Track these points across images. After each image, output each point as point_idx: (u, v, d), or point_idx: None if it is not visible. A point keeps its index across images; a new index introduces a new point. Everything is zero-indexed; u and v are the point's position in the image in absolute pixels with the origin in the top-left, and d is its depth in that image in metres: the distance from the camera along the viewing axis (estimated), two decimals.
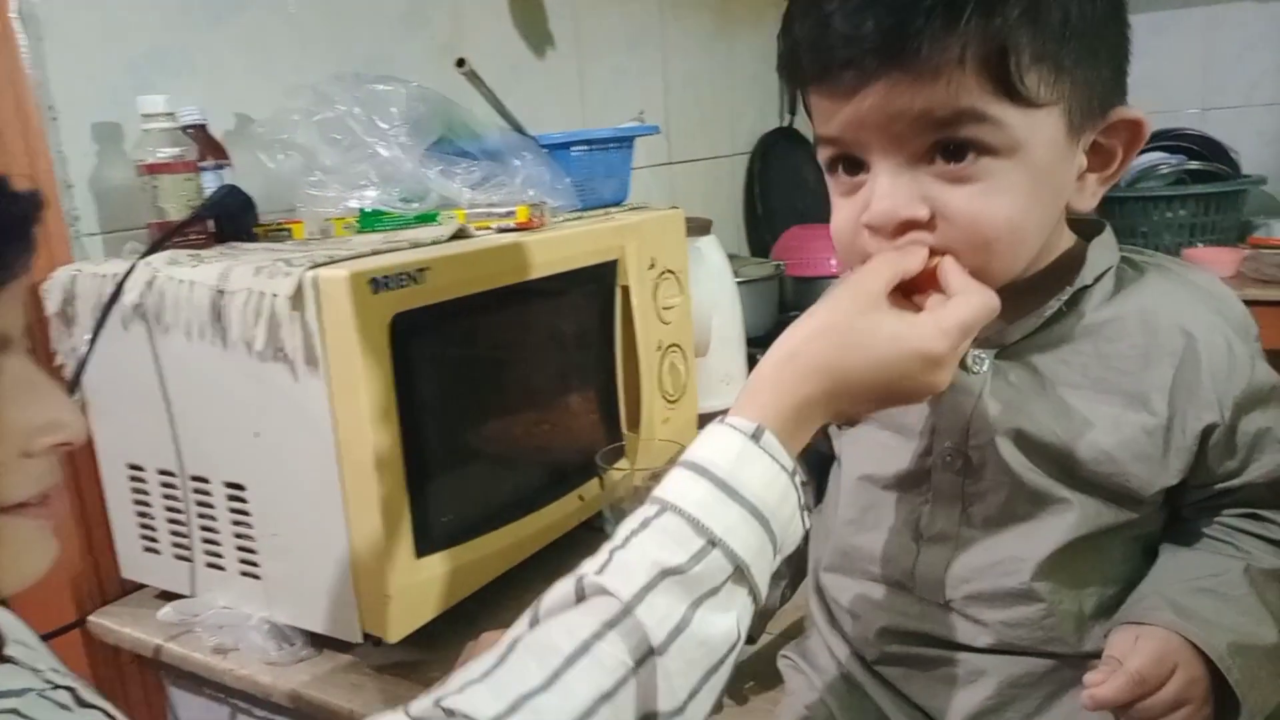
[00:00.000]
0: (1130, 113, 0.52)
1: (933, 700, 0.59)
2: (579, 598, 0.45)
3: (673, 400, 1.11)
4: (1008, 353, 0.56)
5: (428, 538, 0.81)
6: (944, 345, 0.47)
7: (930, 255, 0.50)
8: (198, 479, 0.86)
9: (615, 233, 1.01)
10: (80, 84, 0.96)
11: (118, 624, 0.93)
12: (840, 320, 0.48)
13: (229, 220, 0.94)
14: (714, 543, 0.44)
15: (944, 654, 0.59)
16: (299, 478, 0.78)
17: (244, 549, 0.84)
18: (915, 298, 0.50)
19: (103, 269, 0.86)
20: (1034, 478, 0.54)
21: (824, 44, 0.49)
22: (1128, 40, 0.53)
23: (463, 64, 0.97)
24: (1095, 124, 0.52)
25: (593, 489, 0.99)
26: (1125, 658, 0.50)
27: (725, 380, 1.27)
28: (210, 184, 0.97)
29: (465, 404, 0.87)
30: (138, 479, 0.90)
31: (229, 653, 0.85)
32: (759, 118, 2.10)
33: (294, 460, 0.78)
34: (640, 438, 1.05)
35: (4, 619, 0.52)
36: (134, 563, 0.94)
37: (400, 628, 0.79)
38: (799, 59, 0.51)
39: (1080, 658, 0.56)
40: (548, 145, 1.01)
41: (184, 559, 0.89)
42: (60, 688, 0.48)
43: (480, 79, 0.99)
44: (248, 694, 0.84)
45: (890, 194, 0.50)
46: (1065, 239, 0.57)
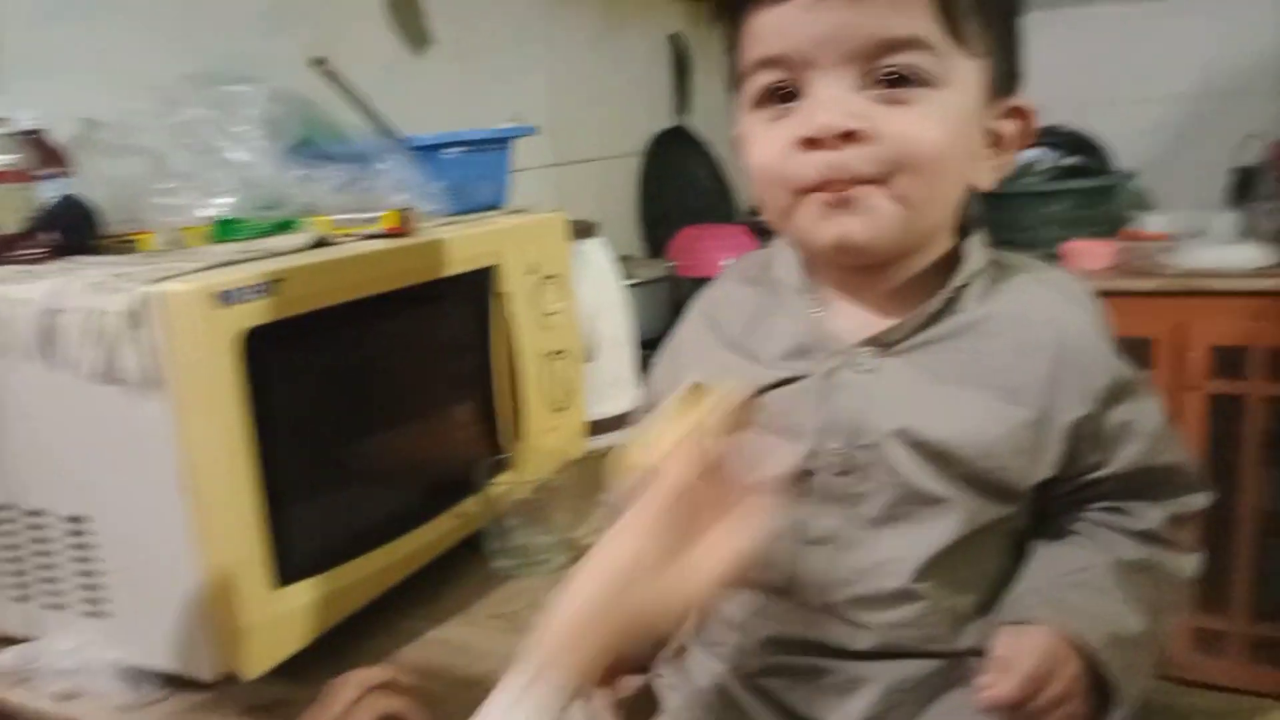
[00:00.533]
0: (1025, 102, 0.56)
1: (815, 711, 0.59)
2: None
3: (560, 409, 1.08)
4: (893, 352, 0.56)
5: (289, 565, 0.76)
6: (711, 596, 0.50)
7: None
8: (34, 513, 0.79)
9: (491, 238, 0.97)
10: None
11: None
12: (641, 577, 0.48)
13: (68, 233, 0.87)
14: None
15: (826, 662, 0.58)
16: (145, 508, 0.73)
17: (88, 586, 0.78)
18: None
19: None
20: (919, 478, 0.54)
21: None
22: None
23: (321, 63, 0.92)
24: (999, 103, 0.55)
25: (473, 505, 0.96)
26: (1014, 657, 0.51)
27: (614, 384, 1.25)
28: (49, 194, 0.90)
29: (330, 422, 0.83)
30: None
31: (74, 699, 0.79)
32: (650, 117, 2.09)
33: (139, 489, 0.73)
34: (525, 449, 1.03)
35: None
36: None
37: (258, 663, 0.74)
38: None
39: (958, 656, 0.56)
40: (418, 147, 0.98)
41: (22, 600, 0.82)
42: None
43: (340, 78, 0.95)
44: None
45: (834, 106, 0.51)
46: (946, 238, 0.58)
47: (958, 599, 0.56)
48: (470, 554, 0.97)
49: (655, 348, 1.40)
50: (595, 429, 1.18)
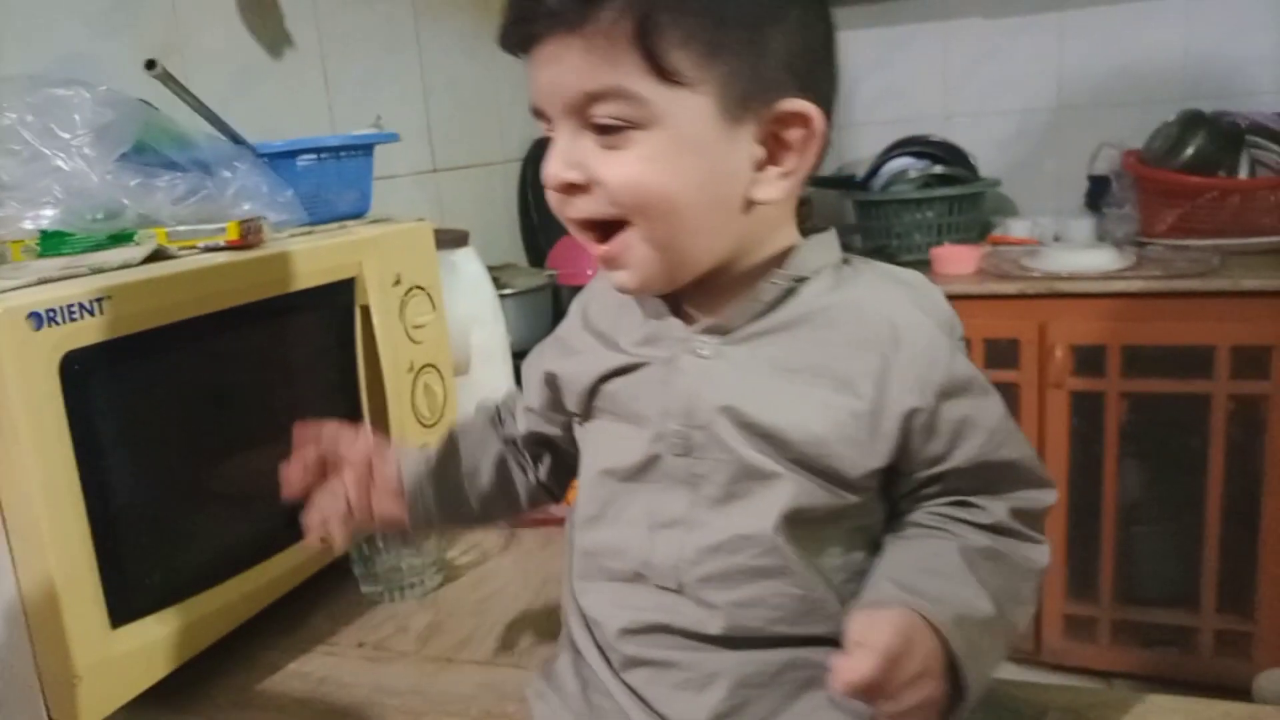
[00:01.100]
0: (798, 105, 0.54)
1: (672, 707, 0.58)
2: None
3: (429, 424, 1.05)
4: (732, 339, 0.58)
5: (127, 603, 0.71)
6: None
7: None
8: None
9: (349, 249, 0.93)
10: None
11: None
12: None
13: None
14: None
15: (680, 655, 0.58)
16: None
17: None
18: None
19: None
20: (750, 454, 0.56)
21: (511, 12, 0.54)
22: (816, 30, 0.56)
23: (153, 65, 0.87)
24: (761, 113, 0.54)
25: None
26: (869, 635, 0.50)
27: (491, 396, 1.21)
28: None
29: (170, 448, 0.77)
30: None
31: None
32: (528, 123, 2.04)
33: None
34: None
35: None
36: None
37: (95, 711, 0.68)
38: (504, 21, 0.55)
39: (809, 645, 0.57)
40: (269, 155, 0.92)
41: None
42: None
43: (176, 81, 0.89)
44: None
45: (555, 158, 0.55)
46: (785, 237, 0.59)
47: (807, 583, 0.57)
48: (337, 579, 0.93)
49: None
50: None
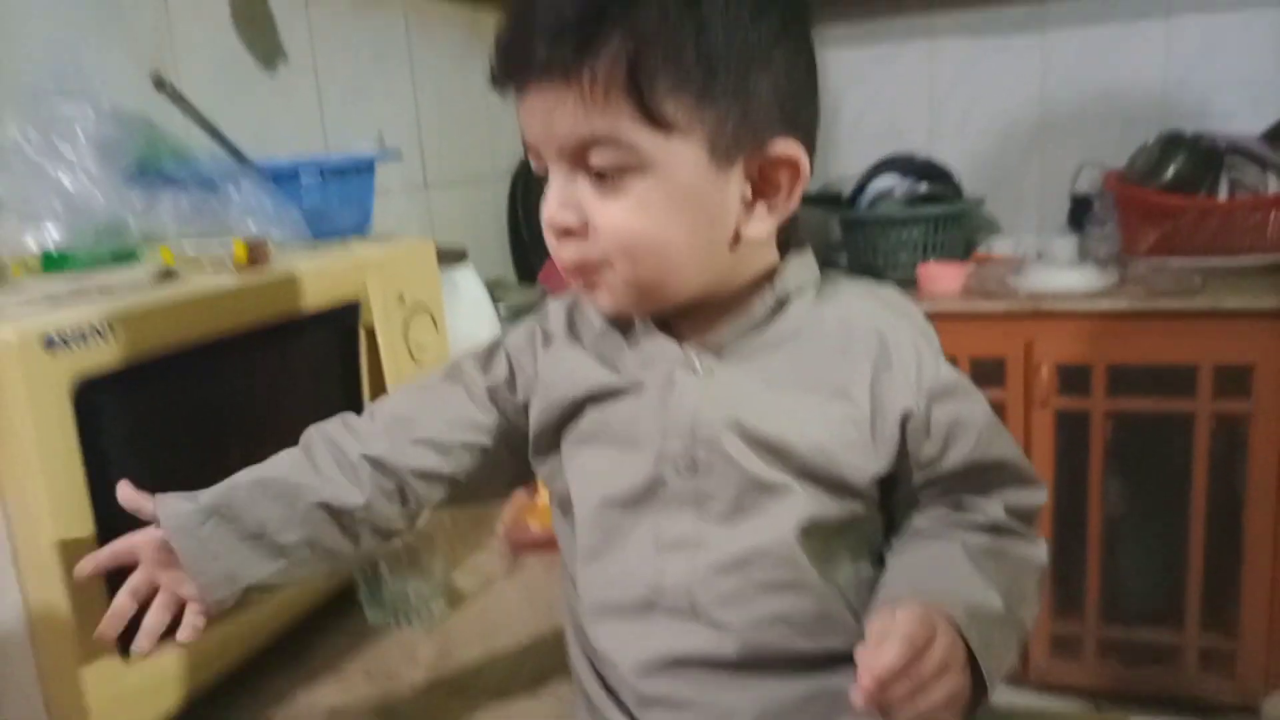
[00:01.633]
0: (786, 147, 0.55)
1: None
2: None
3: None
4: (725, 356, 0.59)
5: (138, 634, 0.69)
6: None
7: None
8: None
9: (355, 269, 0.92)
10: None
11: None
12: None
13: None
14: None
15: (696, 692, 0.57)
16: None
17: None
18: None
19: None
20: (758, 468, 0.56)
21: (506, 53, 0.55)
22: (801, 70, 0.57)
23: (162, 84, 0.85)
24: (751, 154, 0.55)
25: None
26: (890, 627, 0.50)
27: None
28: None
29: (180, 475, 0.75)
30: None
31: None
32: (518, 138, 2.05)
33: None
34: None
35: None
36: None
37: None
38: (496, 64, 0.56)
39: (826, 667, 0.57)
40: (273, 173, 0.91)
41: None
42: None
43: (185, 99, 0.87)
44: None
45: (551, 201, 0.56)
46: (766, 256, 0.60)
47: (820, 596, 0.57)
48: (343, 606, 0.91)
49: None
50: None
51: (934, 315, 0.64)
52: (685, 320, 0.61)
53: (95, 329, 0.65)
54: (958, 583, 0.55)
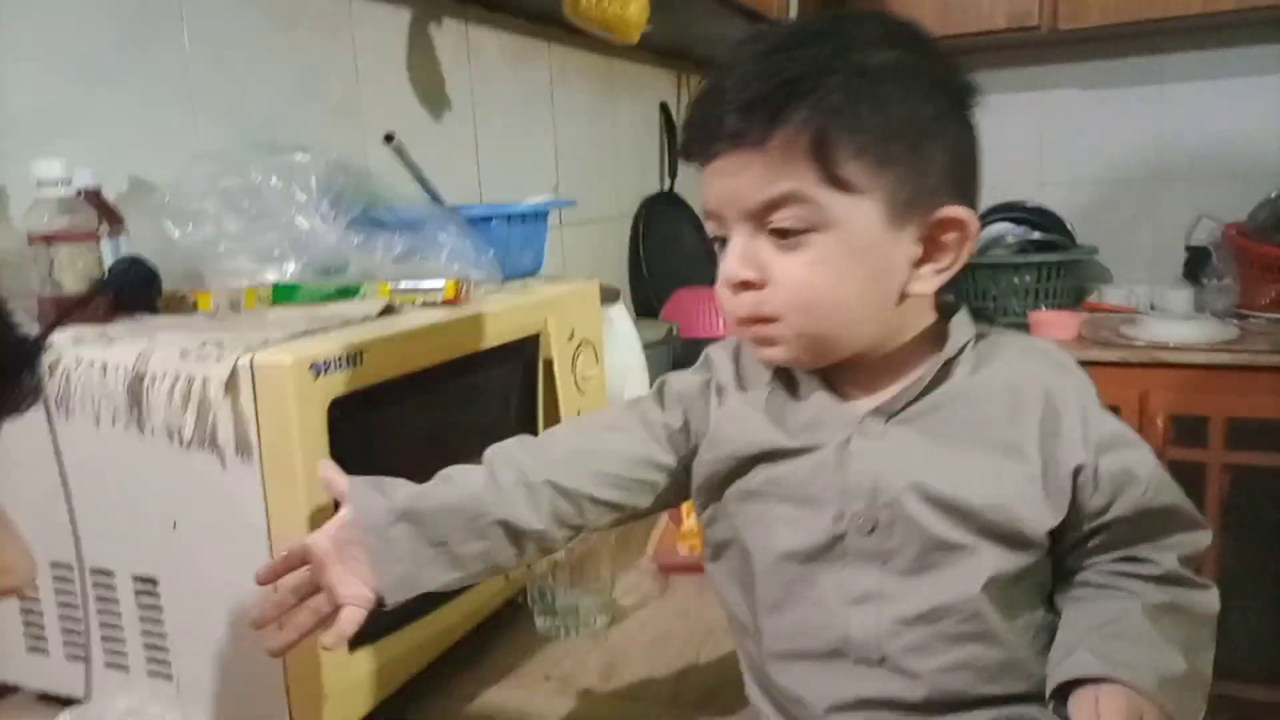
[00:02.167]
0: (956, 212, 0.59)
1: None
2: None
3: None
4: (897, 419, 0.62)
5: (361, 630, 0.77)
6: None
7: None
8: (99, 572, 0.79)
9: (538, 306, 1.01)
10: None
11: None
12: None
13: (130, 293, 0.89)
14: None
15: None
16: (224, 571, 0.74)
17: (154, 647, 0.78)
18: None
19: None
20: (940, 528, 0.59)
21: (698, 127, 0.61)
22: (968, 144, 0.62)
23: (391, 139, 0.96)
24: (922, 216, 0.59)
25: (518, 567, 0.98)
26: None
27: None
28: (109, 254, 0.92)
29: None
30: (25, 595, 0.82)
31: None
32: (641, 181, 2.15)
33: (218, 553, 0.74)
34: None
35: None
36: (14, 663, 0.85)
37: None
38: (686, 137, 0.62)
39: (1009, 702, 0.60)
40: (471, 218, 1.01)
41: (78, 659, 0.82)
42: None
43: (405, 152, 0.98)
44: None
45: (732, 258, 0.60)
46: (926, 316, 0.64)
47: (1002, 643, 0.60)
48: (512, 614, 0.99)
49: None
50: None
51: None
52: (849, 378, 0.64)
53: (348, 358, 0.75)
54: (1142, 649, 0.58)
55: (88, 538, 0.79)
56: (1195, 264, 2.17)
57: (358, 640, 0.77)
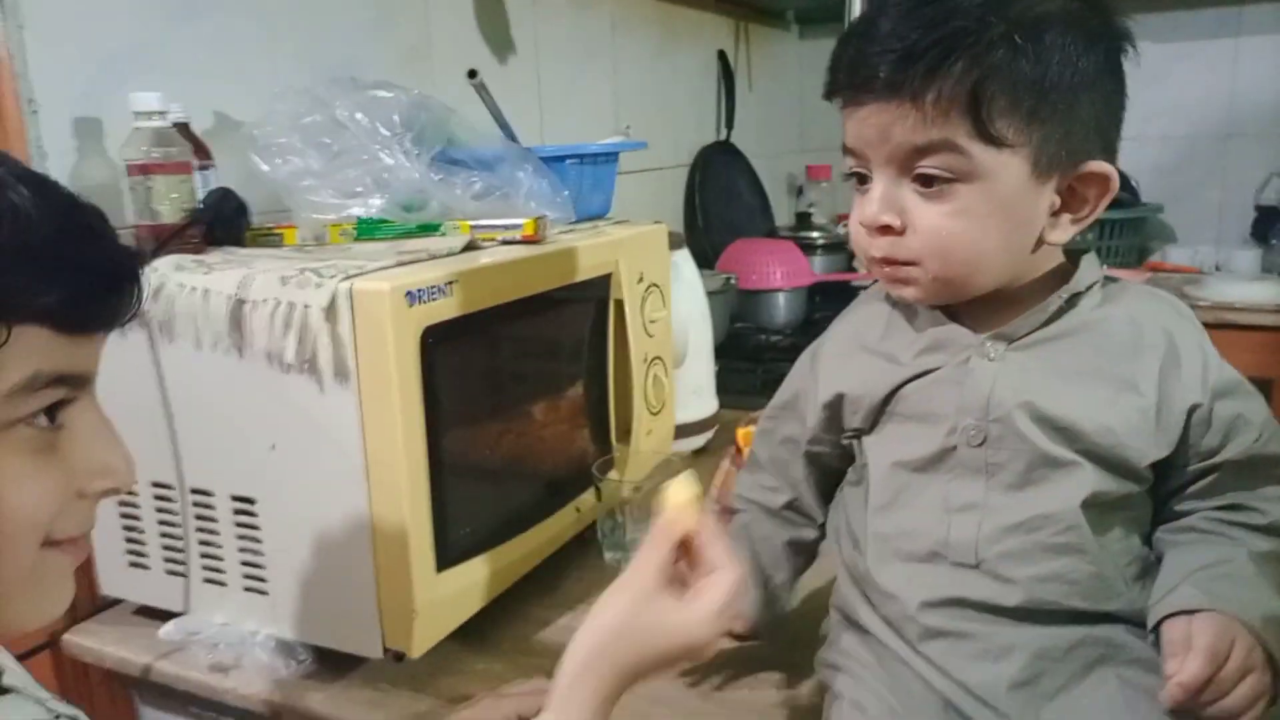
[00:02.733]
0: (1100, 167, 0.60)
1: (971, 675, 0.63)
2: None
3: (655, 412, 1.13)
4: (1017, 345, 0.64)
5: (447, 551, 0.80)
6: (709, 633, 0.57)
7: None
8: (199, 492, 0.83)
9: (610, 247, 1.02)
10: (60, 77, 0.91)
11: (98, 643, 0.88)
12: (630, 622, 0.56)
13: (222, 224, 0.91)
14: None
15: (977, 627, 0.63)
16: (320, 492, 0.77)
17: (250, 564, 0.82)
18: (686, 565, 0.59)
19: None
20: (1047, 445, 0.61)
21: (847, 69, 0.61)
22: (1117, 96, 0.62)
23: (474, 75, 0.97)
24: (1066, 170, 0.60)
25: (588, 501, 1.01)
26: (1188, 639, 0.56)
27: (696, 392, 1.29)
28: (200, 186, 0.94)
29: (480, 418, 0.87)
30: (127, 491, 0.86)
31: (229, 670, 0.82)
32: (698, 131, 2.14)
33: (315, 474, 0.77)
34: (628, 449, 1.07)
35: None
36: (116, 578, 0.90)
37: (424, 642, 0.78)
38: (834, 78, 0.62)
39: (1100, 623, 0.62)
40: (545, 158, 1.02)
41: (177, 574, 0.86)
42: (64, 717, 0.47)
43: (486, 90, 0.99)
44: (250, 712, 0.82)
45: (874, 201, 0.62)
46: (1055, 258, 0.65)
47: (1098, 560, 0.62)
48: (582, 547, 1.02)
49: (719, 357, 1.43)
50: (677, 434, 1.23)
51: None
52: (972, 312, 0.66)
53: (440, 288, 0.77)
54: (1248, 590, 0.59)
55: (188, 458, 0.83)
56: (1265, 224, 2.12)
57: (445, 561, 0.80)
